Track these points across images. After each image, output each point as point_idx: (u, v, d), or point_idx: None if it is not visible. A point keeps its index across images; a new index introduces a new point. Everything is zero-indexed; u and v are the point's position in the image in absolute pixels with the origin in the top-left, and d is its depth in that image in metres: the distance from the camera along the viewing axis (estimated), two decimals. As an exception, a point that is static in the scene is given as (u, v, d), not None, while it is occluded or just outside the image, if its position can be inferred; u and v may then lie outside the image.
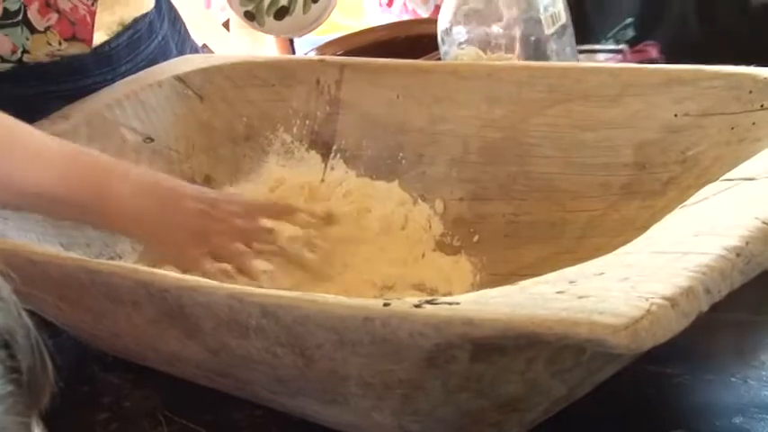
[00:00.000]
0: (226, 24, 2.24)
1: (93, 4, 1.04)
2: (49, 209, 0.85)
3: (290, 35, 0.93)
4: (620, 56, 1.19)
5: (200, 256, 0.82)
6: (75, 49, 1.05)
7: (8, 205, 0.85)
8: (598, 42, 1.21)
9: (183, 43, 1.22)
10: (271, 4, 0.89)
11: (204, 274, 0.77)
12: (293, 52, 1.71)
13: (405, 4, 1.82)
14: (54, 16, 1.02)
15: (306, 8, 0.90)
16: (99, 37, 1.08)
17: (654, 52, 1.16)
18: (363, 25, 1.72)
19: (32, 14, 1.01)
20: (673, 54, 1.15)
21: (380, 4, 1.87)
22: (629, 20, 1.18)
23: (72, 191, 0.81)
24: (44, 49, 1.03)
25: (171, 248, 0.84)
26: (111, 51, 1.10)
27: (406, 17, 1.73)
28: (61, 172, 0.81)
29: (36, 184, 0.80)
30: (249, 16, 0.90)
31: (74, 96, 1.04)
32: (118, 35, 1.10)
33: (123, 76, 1.08)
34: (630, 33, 1.18)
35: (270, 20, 0.89)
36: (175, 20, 1.22)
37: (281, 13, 0.90)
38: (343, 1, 1.88)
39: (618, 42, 1.19)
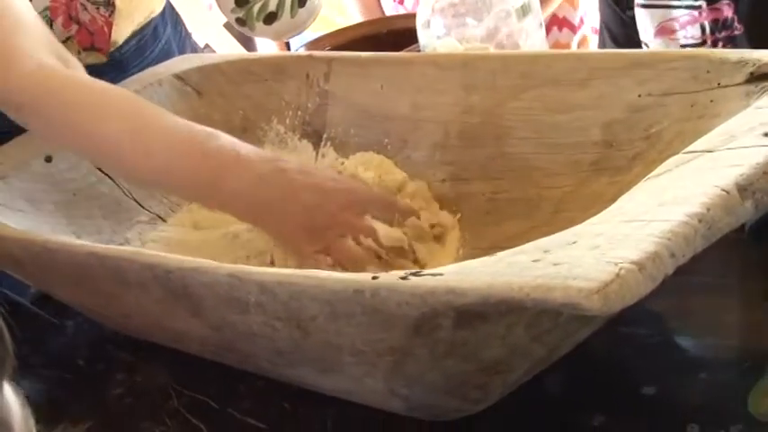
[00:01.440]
0: (227, 25, 2.22)
1: (110, 16, 1.03)
2: (168, 191, 0.86)
3: (279, 38, 0.92)
4: (695, 12, 1.16)
5: (309, 252, 0.77)
6: (92, 58, 1.04)
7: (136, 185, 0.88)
8: None
9: (184, 44, 1.21)
10: (260, 10, 0.88)
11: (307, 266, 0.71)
12: (289, 49, 1.71)
13: None
14: (74, 27, 1.01)
15: (293, 12, 0.90)
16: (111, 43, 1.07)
17: (729, 11, 1.14)
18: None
19: (57, 27, 1.00)
20: (749, 17, 1.12)
21: (394, 1, 1.86)
22: None
23: (189, 182, 0.78)
24: None
25: (286, 242, 0.79)
26: (122, 57, 1.09)
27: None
28: (181, 161, 0.77)
29: (155, 170, 0.78)
30: (240, 22, 0.90)
31: None
32: (127, 41, 1.09)
33: None
34: None
35: (260, 24, 0.89)
36: (176, 22, 1.21)
37: (270, 18, 0.89)
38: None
39: None
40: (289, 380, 0.70)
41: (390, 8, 1.88)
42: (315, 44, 1.29)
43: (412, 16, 1.18)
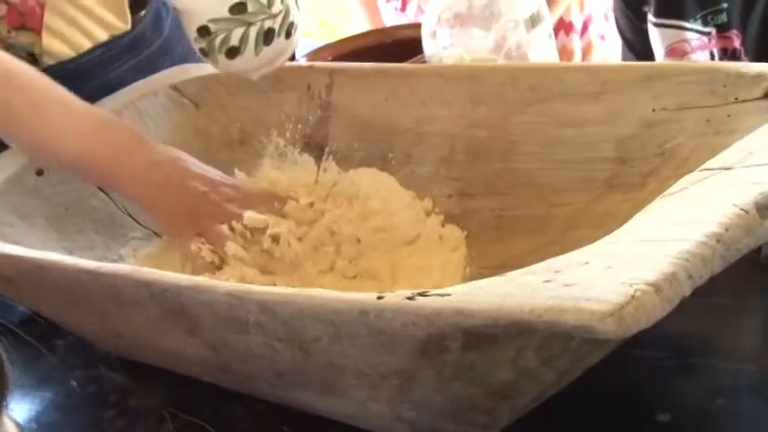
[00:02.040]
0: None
1: None
2: (77, 171, 0.88)
3: (247, 74, 0.93)
4: (705, 38, 1.17)
5: (188, 235, 0.84)
6: (24, 38, 1.03)
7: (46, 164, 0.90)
8: (687, 20, 1.19)
9: (185, 57, 1.20)
10: (222, 43, 0.89)
11: (184, 252, 0.83)
12: (291, 59, 1.70)
13: (419, 7, 1.83)
14: (3, 7, 1.01)
15: (257, 50, 0.90)
16: (65, 53, 1.06)
17: (737, 42, 1.15)
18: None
19: None
20: (755, 49, 1.13)
21: (395, 9, 1.87)
22: (724, 5, 1.16)
23: (88, 161, 0.85)
24: None
25: (166, 224, 0.87)
26: (75, 69, 1.07)
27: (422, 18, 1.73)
28: (91, 138, 0.85)
29: (66, 149, 0.85)
30: (203, 53, 0.90)
31: None
32: (87, 52, 1.08)
33: (90, 93, 1.05)
34: (722, 18, 1.16)
35: (222, 58, 0.90)
36: (181, 37, 1.20)
37: (233, 53, 0.90)
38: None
39: (706, 25, 1.17)
40: (288, 403, 0.70)
41: (392, 16, 1.89)
42: (316, 54, 1.29)
43: (417, 26, 1.18)
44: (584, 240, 0.58)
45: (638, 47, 1.30)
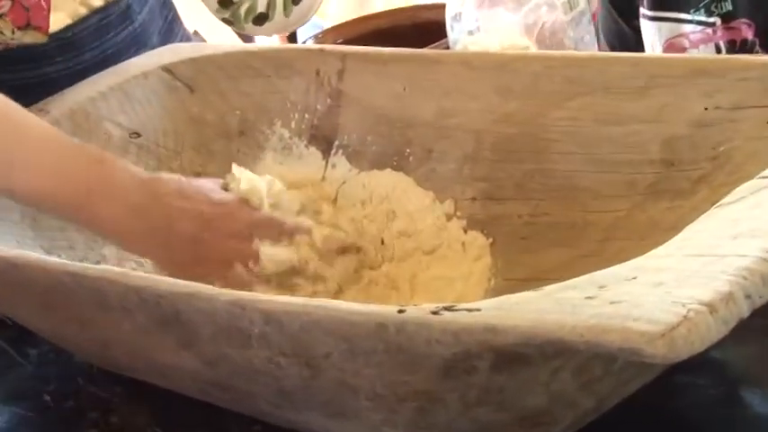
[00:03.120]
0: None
1: None
2: (46, 212, 0.86)
3: (276, 33, 0.93)
4: (709, 29, 1.18)
5: (206, 273, 0.80)
6: (30, 38, 1.05)
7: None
8: (687, 11, 1.20)
9: (170, 31, 1.22)
10: (247, 12, 0.89)
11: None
12: (295, 41, 1.71)
13: None
14: (6, 3, 1.02)
15: (287, 11, 0.91)
16: (61, 20, 1.08)
17: (749, 33, 1.15)
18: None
19: None
20: None
21: None
22: None
23: (64, 198, 0.82)
24: None
25: (177, 272, 0.79)
26: (73, 37, 1.09)
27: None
28: (55, 177, 0.82)
29: (27, 188, 0.82)
30: (227, 23, 0.91)
31: (31, 86, 1.04)
32: (84, 19, 1.10)
33: (87, 63, 1.08)
34: (727, 6, 1.16)
35: (249, 26, 0.90)
36: (164, 5, 1.22)
37: (261, 20, 0.90)
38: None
39: (710, 15, 1.17)
40: (292, 425, 0.71)
41: None
42: (326, 36, 1.30)
43: (439, 7, 1.19)
44: (624, 252, 0.59)
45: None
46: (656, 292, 0.48)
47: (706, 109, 0.76)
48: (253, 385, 0.67)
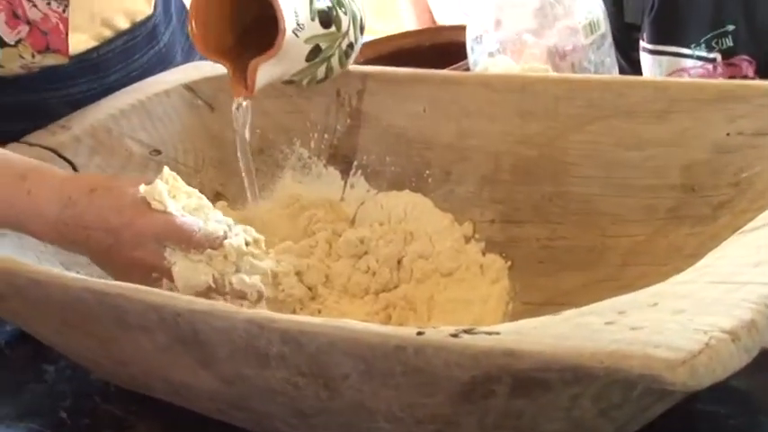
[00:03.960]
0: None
1: (64, 11, 1.04)
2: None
3: None
4: (709, 65, 1.18)
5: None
6: (50, 60, 1.06)
7: None
8: (687, 46, 1.20)
9: (192, 48, 1.23)
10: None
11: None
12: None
13: None
14: (24, 28, 1.03)
15: (342, 67, 0.95)
16: (84, 42, 1.09)
17: (749, 70, 1.15)
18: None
19: (0, 27, 1.02)
20: None
21: None
22: (730, 27, 1.17)
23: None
24: (17, 62, 1.04)
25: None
26: (98, 59, 1.10)
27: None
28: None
29: None
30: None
31: (55, 107, 1.05)
32: (109, 41, 1.11)
33: (113, 85, 1.09)
34: (728, 43, 1.17)
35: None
36: (186, 22, 1.23)
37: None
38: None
39: (710, 50, 1.18)
40: (308, 446, 0.71)
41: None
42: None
43: (459, 29, 1.19)
44: (644, 278, 0.59)
45: None
46: (677, 319, 0.48)
47: (728, 134, 0.76)
48: (270, 405, 0.67)
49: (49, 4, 1.03)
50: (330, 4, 0.90)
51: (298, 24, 0.87)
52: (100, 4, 1.09)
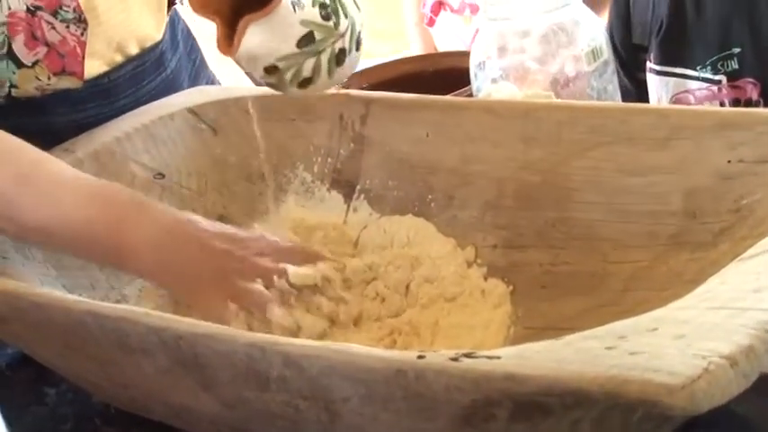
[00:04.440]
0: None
1: (82, 35, 1.05)
2: (74, 250, 0.86)
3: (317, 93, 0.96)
4: (714, 87, 1.18)
5: (219, 302, 0.81)
6: (65, 83, 1.07)
7: (25, 240, 0.87)
8: (693, 68, 1.21)
9: (198, 74, 1.24)
10: (293, 77, 0.91)
11: (223, 322, 0.78)
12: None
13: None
14: (42, 50, 1.04)
15: (331, 74, 0.92)
16: (97, 67, 1.10)
17: (754, 93, 1.16)
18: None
19: (18, 48, 1.03)
20: None
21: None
22: (736, 50, 1.18)
23: (84, 237, 0.82)
24: (32, 83, 1.05)
25: (190, 294, 0.84)
26: (109, 84, 1.11)
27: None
28: (75, 212, 0.82)
29: (58, 224, 0.82)
30: (272, 86, 0.93)
31: (64, 131, 1.05)
32: (119, 67, 1.12)
33: (122, 110, 1.09)
34: (733, 65, 1.17)
35: (294, 89, 0.92)
36: (192, 49, 1.24)
37: (305, 83, 0.92)
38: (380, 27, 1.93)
39: (716, 72, 1.18)
40: (309, 470, 0.71)
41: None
42: (350, 81, 1.30)
43: (462, 55, 1.20)
44: (645, 303, 0.59)
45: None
46: (677, 344, 0.48)
47: (729, 161, 0.76)
48: (271, 429, 0.68)
49: (68, 27, 1.04)
50: (333, 2, 0.89)
51: None
52: (116, 29, 1.10)
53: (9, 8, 1.01)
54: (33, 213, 0.82)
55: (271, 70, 0.90)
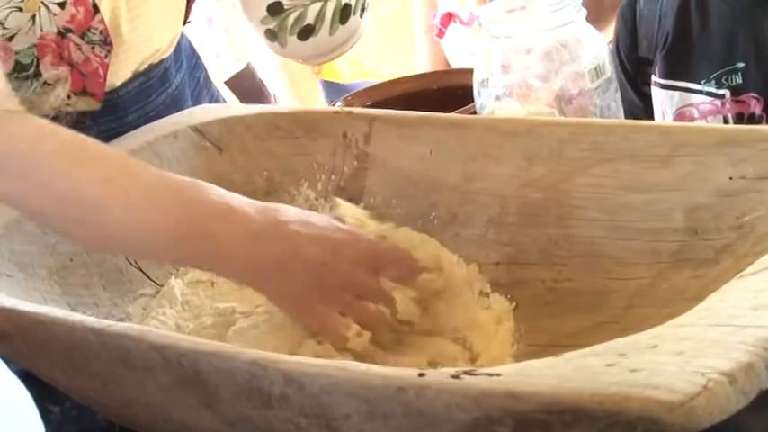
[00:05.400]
0: (229, 82, 2.33)
1: (106, 57, 1.06)
2: (145, 253, 0.84)
3: (312, 60, 0.93)
4: (718, 102, 1.19)
5: (322, 308, 0.79)
6: (83, 104, 1.07)
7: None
8: (698, 82, 1.21)
9: (201, 92, 1.24)
10: (295, 22, 0.89)
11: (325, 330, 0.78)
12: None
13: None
14: (66, 69, 1.05)
15: (332, 29, 0.91)
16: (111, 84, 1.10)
17: (757, 108, 1.16)
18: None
19: (45, 67, 1.03)
20: None
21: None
22: (740, 65, 1.18)
23: (171, 239, 0.78)
24: (50, 102, 1.05)
25: (293, 303, 0.80)
26: (117, 100, 1.11)
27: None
28: (162, 214, 0.78)
29: (130, 225, 0.77)
30: (270, 35, 0.90)
31: None
32: (127, 82, 1.12)
33: (130, 126, 1.10)
34: (737, 80, 1.18)
35: (293, 39, 0.90)
36: (195, 66, 1.24)
37: (306, 33, 0.90)
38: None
39: (720, 87, 1.19)
40: (310, 488, 0.71)
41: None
42: (353, 99, 1.31)
43: (465, 72, 1.20)
44: (647, 320, 0.59)
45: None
46: (676, 361, 0.48)
47: (731, 178, 0.76)
48: (273, 446, 0.68)
49: (93, 48, 1.04)
50: None
51: None
52: (136, 50, 1.10)
53: (42, 30, 1.02)
54: (120, 218, 0.77)
55: (274, 10, 0.87)
